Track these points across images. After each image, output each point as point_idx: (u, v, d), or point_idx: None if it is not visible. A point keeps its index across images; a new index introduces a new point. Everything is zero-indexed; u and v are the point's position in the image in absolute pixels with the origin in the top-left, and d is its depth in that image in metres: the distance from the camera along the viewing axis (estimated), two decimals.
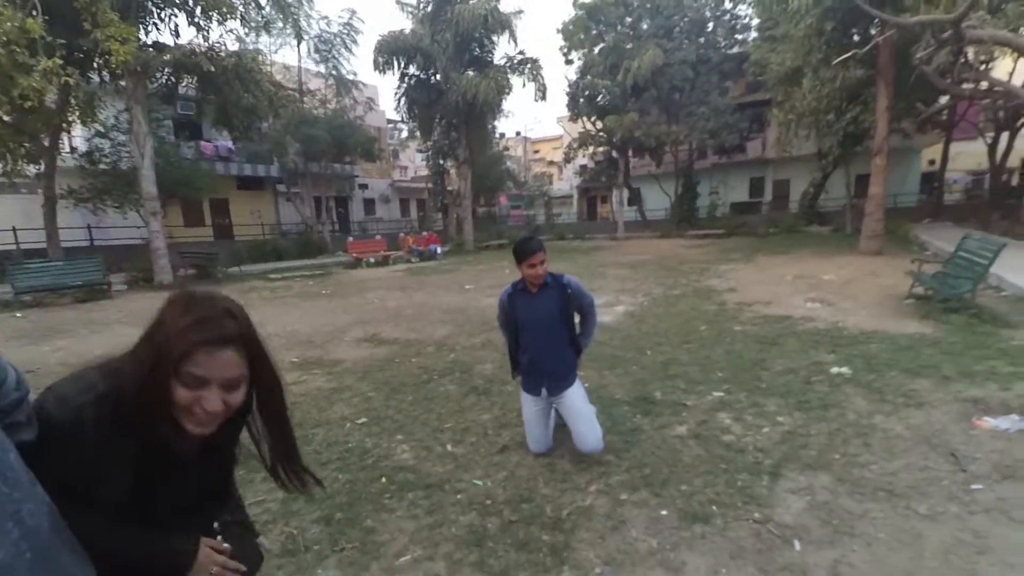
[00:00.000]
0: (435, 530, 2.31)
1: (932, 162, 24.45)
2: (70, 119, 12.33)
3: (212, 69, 12.03)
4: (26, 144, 11.66)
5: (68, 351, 6.12)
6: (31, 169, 12.74)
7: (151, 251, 12.52)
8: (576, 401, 2.85)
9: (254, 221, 23.04)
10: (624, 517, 2.33)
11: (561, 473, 2.76)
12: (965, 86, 11.96)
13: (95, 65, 11.75)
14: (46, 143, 12.01)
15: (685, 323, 6.16)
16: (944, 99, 15.82)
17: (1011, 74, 14.99)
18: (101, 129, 14.46)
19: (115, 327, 7.58)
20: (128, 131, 13.08)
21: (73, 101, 11.36)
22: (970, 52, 10.61)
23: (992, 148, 18.35)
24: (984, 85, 11.39)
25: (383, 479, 2.80)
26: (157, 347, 0.86)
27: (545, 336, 2.84)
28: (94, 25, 9.75)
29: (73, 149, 14.56)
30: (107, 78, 12.28)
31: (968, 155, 25.91)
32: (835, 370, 4.07)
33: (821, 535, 2.12)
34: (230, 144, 21.53)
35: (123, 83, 11.95)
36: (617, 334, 5.80)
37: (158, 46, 12.41)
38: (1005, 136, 17.70)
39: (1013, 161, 20.09)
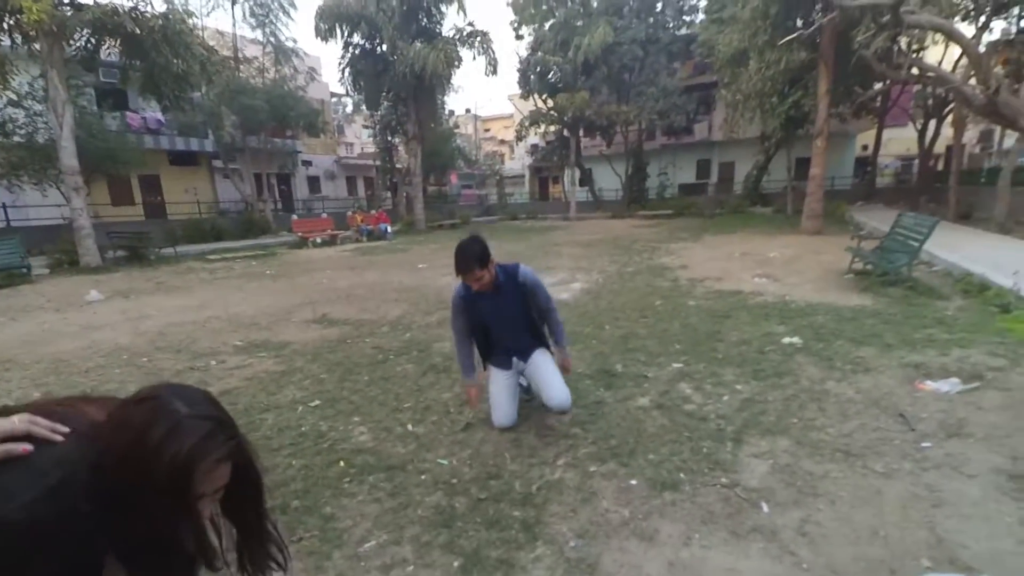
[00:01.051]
0: (400, 513, 2.20)
1: (865, 147, 25.93)
2: None
3: (137, 31, 10.91)
4: None
5: None
6: None
7: (75, 231, 11.39)
8: (543, 361, 2.89)
9: (189, 199, 21.45)
10: (594, 489, 2.30)
11: (528, 448, 2.70)
12: (900, 71, 12.63)
13: (5, 26, 10.41)
14: None
15: (641, 298, 6.23)
16: (879, 86, 16.70)
17: (940, 62, 16.00)
18: (14, 97, 12.93)
19: (37, 314, 6.89)
20: (45, 100, 11.76)
21: None
22: (903, 40, 11.18)
23: (921, 134, 19.60)
24: (917, 70, 12.06)
25: (341, 463, 2.65)
26: (157, 467, 0.73)
27: (511, 328, 2.89)
28: None
29: None
30: (19, 40, 10.91)
31: (899, 141, 27.71)
32: (786, 340, 4.21)
33: (786, 496, 2.16)
34: (160, 116, 19.83)
35: (37, 46, 10.66)
36: (575, 310, 5.79)
37: (76, 5, 11.12)
38: (933, 123, 18.93)
39: (940, 148, 21.59)
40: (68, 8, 10.90)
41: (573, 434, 2.81)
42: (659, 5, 24.20)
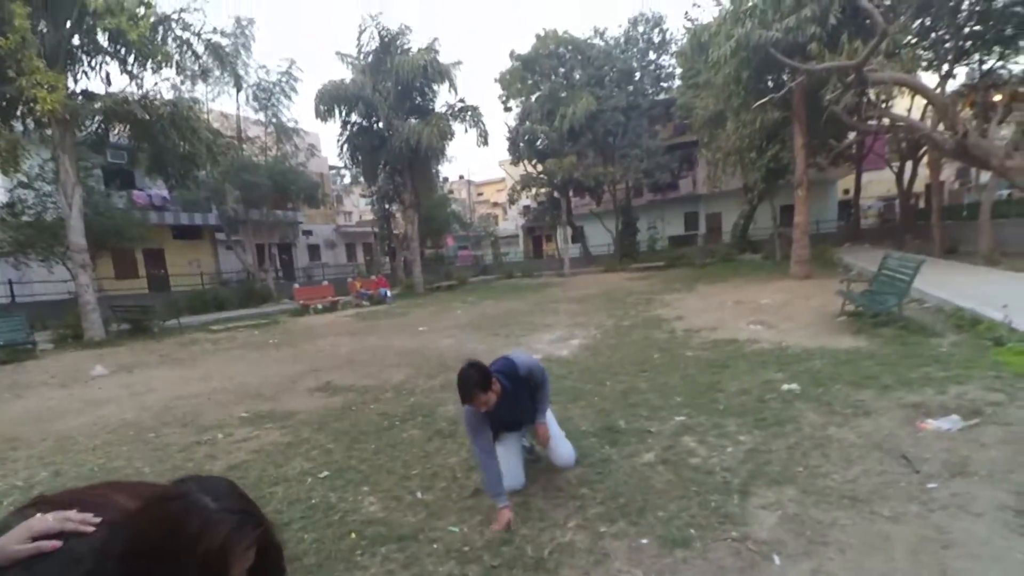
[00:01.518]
0: None
1: (847, 191, 26.84)
2: None
3: (147, 117, 11.56)
4: None
5: None
6: None
7: (80, 306, 11.54)
8: (548, 423, 2.99)
9: (192, 271, 21.85)
10: (606, 550, 2.31)
11: (537, 511, 2.71)
12: (871, 122, 13.35)
13: (19, 113, 11.05)
14: None
15: (639, 352, 6.31)
16: (853, 135, 17.56)
17: (909, 110, 16.92)
18: (24, 179, 13.48)
19: (41, 390, 6.90)
20: (54, 181, 12.25)
21: None
22: (872, 93, 11.92)
23: (899, 176, 20.38)
24: (887, 121, 12.77)
25: (352, 534, 2.64)
26: (180, 568, 0.77)
27: (522, 413, 2.98)
28: (19, 72, 9.27)
29: None
30: (32, 126, 11.55)
31: (878, 183, 28.73)
32: (785, 387, 4.27)
33: (797, 547, 2.18)
34: (165, 193, 20.59)
35: (49, 131, 11.27)
36: (575, 367, 5.86)
37: (88, 94, 11.84)
38: (909, 165, 19.74)
39: (919, 186, 22.39)
40: (80, 97, 11.58)
41: (581, 494, 2.82)
42: (637, 75, 25.83)
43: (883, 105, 12.70)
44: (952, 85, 14.94)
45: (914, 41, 13.01)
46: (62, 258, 13.93)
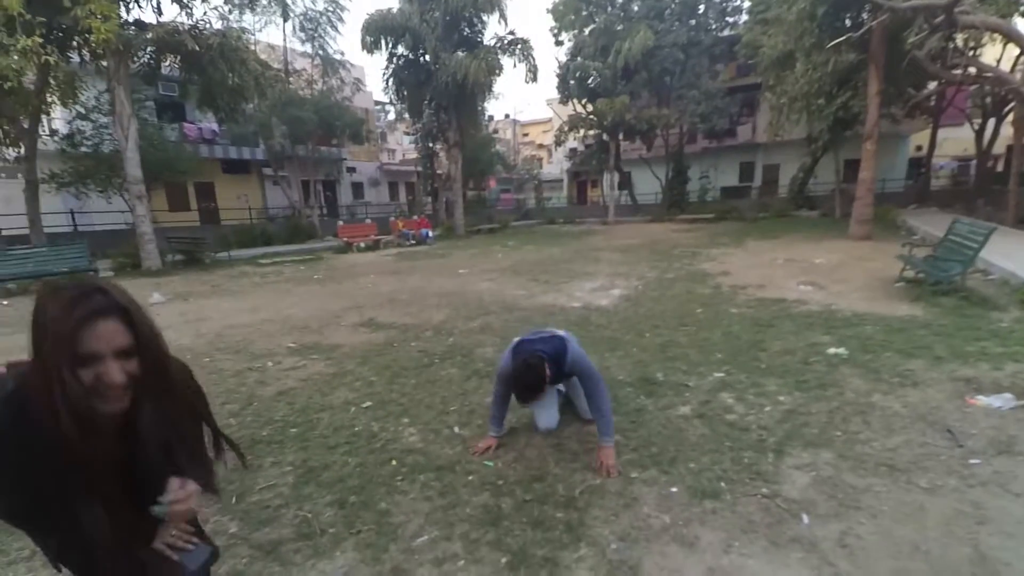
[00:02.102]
0: (449, 511, 2.33)
1: (919, 148, 24.76)
2: (50, 100, 11.88)
3: (196, 48, 11.63)
4: (5, 127, 11.29)
5: None
6: (11, 153, 12.34)
7: (138, 236, 12.24)
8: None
9: (241, 205, 22.60)
10: (635, 495, 2.38)
11: (570, 453, 2.80)
12: (956, 71, 12.07)
13: (75, 44, 11.31)
14: (25, 125, 11.60)
15: (681, 306, 6.22)
16: (933, 85, 15.96)
17: (998, 60, 15.14)
18: (82, 111, 14.01)
19: None
20: (110, 113, 12.67)
21: (53, 82, 10.95)
22: (959, 39, 10.70)
23: (979, 134, 18.62)
24: (974, 71, 11.51)
25: (393, 462, 2.80)
26: (45, 339, 0.89)
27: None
28: (74, 2, 9.40)
29: (53, 132, 14.05)
30: (87, 57, 11.84)
31: (955, 141, 26.28)
32: (831, 351, 4.15)
33: (827, 509, 2.19)
34: (214, 126, 21.04)
35: (104, 63, 11.53)
36: (615, 317, 5.85)
37: (140, 24, 11.98)
38: (992, 123, 17.93)
39: (999, 148, 20.42)
40: (133, 28, 11.73)
41: (615, 441, 2.89)
42: (701, 7, 23.89)
43: (971, 53, 11.42)
44: None
45: None
46: (119, 189, 14.64)
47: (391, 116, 33.85)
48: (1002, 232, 9.33)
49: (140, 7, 12.02)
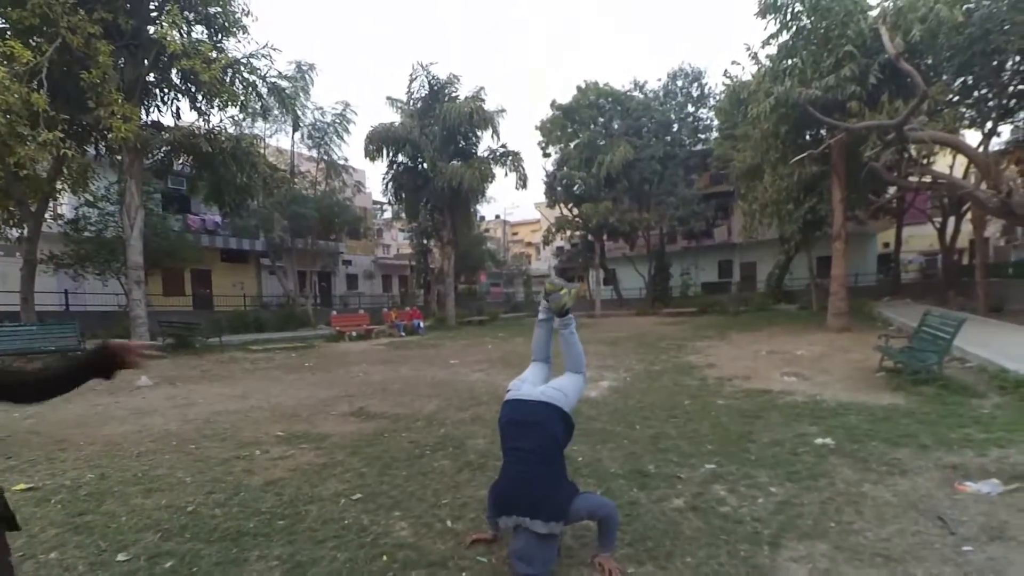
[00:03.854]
0: None
1: (887, 244, 26.27)
2: (60, 188, 12.45)
3: (210, 150, 12.50)
4: (11, 208, 11.70)
5: (40, 419, 5.88)
6: (13, 233, 12.68)
7: (131, 319, 12.28)
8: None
9: (236, 292, 22.91)
10: None
11: (564, 549, 2.73)
12: (911, 179, 13.19)
13: (93, 139, 12.12)
14: (32, 208, 12.05)
15: (669, 397, 6.29)
16: (893, 190, 17.33)
17: (951, 167, 16.63)
18: (91, 199, 14.63)
19: (88, 395, 7.26)
20: (117, 201, 13.26)
21: (66, 171, 11.54)
22: (912, 150, 11.85)
23: (941, 231, 19.86)
24: (928, 178, 12.60)
25: (384, 557, 2.71)
26: None
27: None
28: (98, 103, 10.22)
29: (59, 216, 14.57)
30: (103, 151, 12.64)
31: (920, 237, 28.01)
32: (819, 441, 4.21)
33: None
34: (217, 218, 21.89)
35: (119, 157, 12.29)
36: (605, 409, 5.87)
37: (157, 125, 12.93)
38: (952, 220, 19.21)
39: (962, 242, 21.73)
40: (152, 128, 12.62)
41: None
42: (675, 126, 26.40)
43: (924, 162, 12.60)
44: (996, 143, 14.70)
45: (956, 99, 12.95)
46: (117, 273, 14.89)
47: (387, 214, 35.46)
48: (974, 321, 9.73)
49: (160, 111, 13.06)
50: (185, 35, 11.73)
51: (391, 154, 20.61)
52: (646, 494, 3.38)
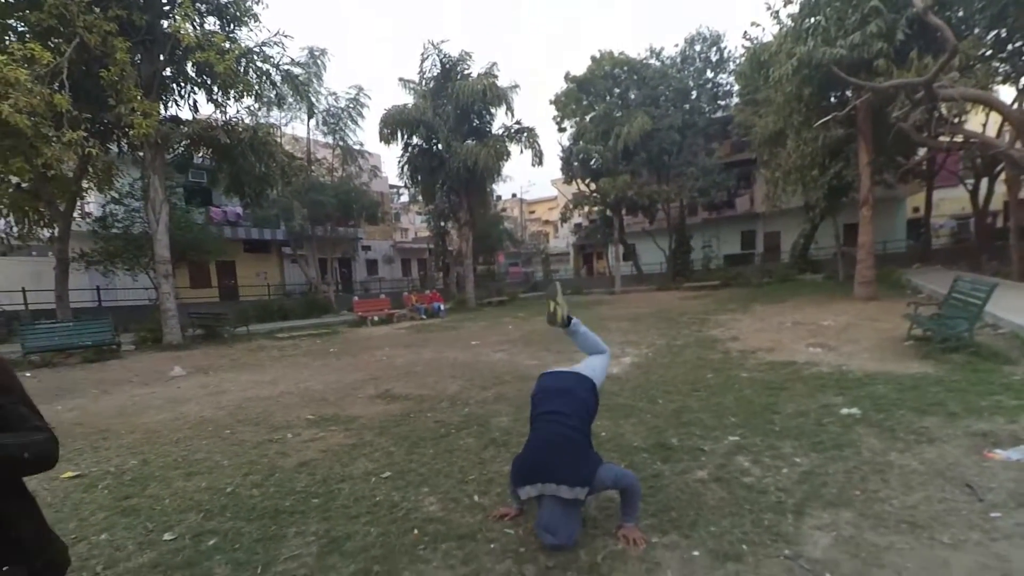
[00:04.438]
0: None
1: (917, 209, 25.37)
2: (87, 187, 12.79)
3: (228, 141, 12.67)
4: (42, 209, 12.11)
5: (82, 410, 6.18)
6: (45, 233, 13.13)
7: (161, 312, 12.71)
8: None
9: (260, 282, 23.43)
10: (658, 559, 2.37)
11: (589, 520, 2.79)
12: (942, 139, 12.66)
13: (115, 136, 12.39)
14: (61, 208, 12.44)
15: (692, 371, 6.28)
16: (922, 151, 16.68)
17: (984, 125, 15.89)
18: (116, 196, 15.02)
19: (125, 387, 7.60)
20: (142, 198, 13.59)
21: (91, 170, 11.83)
22: (943, 108, 11.35)
23: (974, 194, 19.12)
24: (960, 138, 12.08)
25: (415, 531, 2.81)
26: None
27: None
28: (118, 101, 10.41)
29: (87, 214, 15.00)
30: (126, 149, 12.93)
31: (951, 200, 26.95)
32: (845, 411, 4.18)
33: (851, 568, 2.19)
34: (239, 209, 22.27)
35: (141, 153, 12.55)
36: (627, 384, 5.89)
37: (177, 120, 13.14)
38: (985, 182, 18.47)
39: (996, 204, 20.89)
40: (171, 123, 12.84)
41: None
42: (694, 93, 25.59)
43: (955, 121, 12.03)
44: None
45: (989, 54, 12.29)
46: (146, 268, 15.35)
47: (404, 198, 35.54)
48: (1008, 286, 9.42)
49: (177, 105, 13.24)
50: (198, 27, 11.80)
51: (406, 136, 20.53)
52: (669, 467, 3.42)
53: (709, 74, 25.91)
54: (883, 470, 3.09)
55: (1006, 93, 15.44)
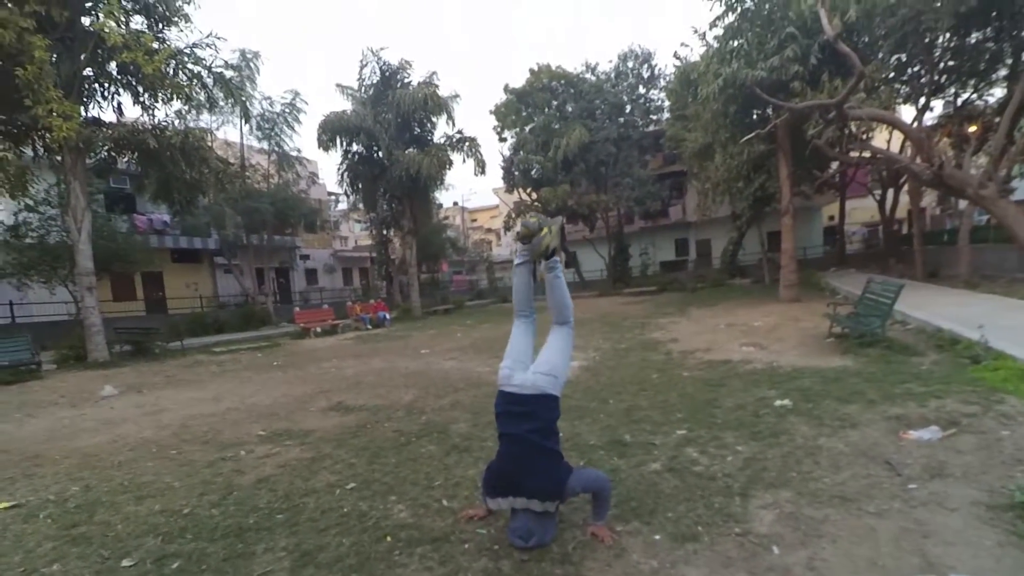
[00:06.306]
0: None
1: (832, 217, 27.75)
2: None
3: (157, 146, 11.92)
4: None
5: (8, 436, 5.66)
6: None
7: (85, 328, 11.69)
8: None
9: (190, 294, 22.00)
10: (624, 545, 2.54)
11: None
12: (852, 154, 14.01)
13: (31, 139, 11.36)
14: None
15: (638, 372, 6.60)
16: (835, 165, 18.36)
17: (888, 142, 17.66)
18: (31, 203, 13.69)
19: (53, 409, 6.99)
20: (59, 205, 12.50)
21: (3, 175, 10.79)
22: (852, 126, 12.55)
23: (881, 203, 21.17)
24: (868, 153, 13.42)
25: (387, 538, 2.82)
26: None
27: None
28: (35, 101, 9.58)
29: None
30: (42, 152, 11.86)
31: (862, 210, 29.69)
32: (778, 403, 4.58)
33: (794, 539, 2.45)
34: (165, 217, 20.89)
35: (59, 158, 11.56)
36: (578, 387, 6.09)
37: (99, 122, 12.21)
38: (891, 193, 20.49)
39: (901, 213, 23.22)
40: (93, 126, 11.92)
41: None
42: (628, 107, 26.79)
43: (863, 138, 13.38)
44: (929, 117, 15.74)
45: (891, 76, 13.77)
46: (64, 280, 14.09)
47: (343, 206, 34.61)
48: (913, 287, 10.53)
49: (101, 107, 12.33)
50: (123, 26, 11.06)
51: (345, 144, 20.09)
52: (625, 461, 3.62)
53: (641, 90, 27.24)
54: (814, 453, 3.44)
55: (907, 112, 17.33)
